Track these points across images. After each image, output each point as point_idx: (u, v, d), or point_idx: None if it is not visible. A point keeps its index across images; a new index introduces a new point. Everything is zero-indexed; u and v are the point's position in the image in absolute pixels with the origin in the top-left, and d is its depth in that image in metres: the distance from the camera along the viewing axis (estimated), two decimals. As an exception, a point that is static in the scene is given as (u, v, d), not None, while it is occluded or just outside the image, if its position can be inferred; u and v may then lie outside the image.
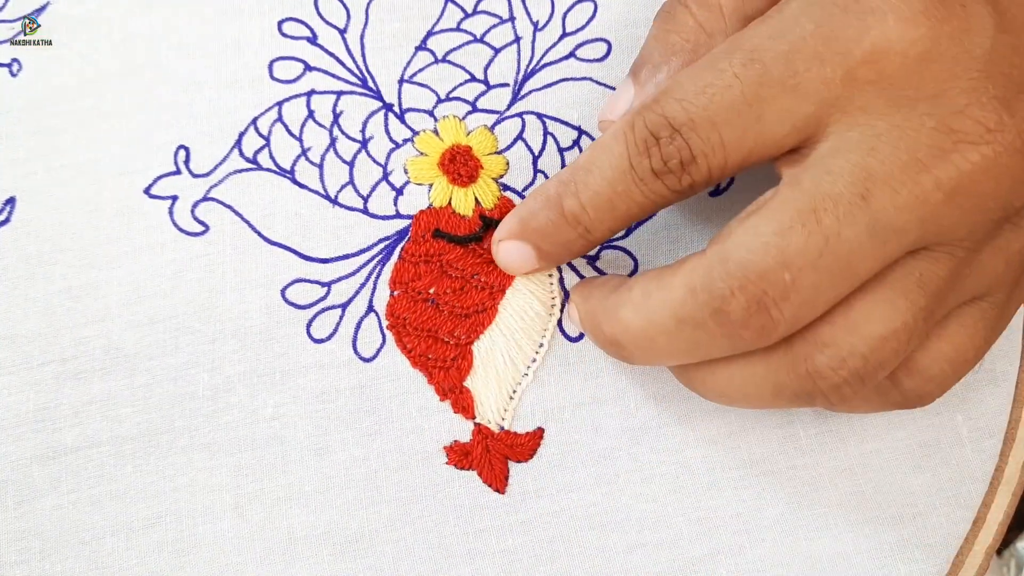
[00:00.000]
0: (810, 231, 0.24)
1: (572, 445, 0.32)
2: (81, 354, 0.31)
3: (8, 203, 0.32)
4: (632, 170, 0.27)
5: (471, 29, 0.33)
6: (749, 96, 0.25)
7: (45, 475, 0.31)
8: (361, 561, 0.31)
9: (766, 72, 0.25)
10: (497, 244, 0.31)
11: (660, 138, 0.26)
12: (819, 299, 0.25)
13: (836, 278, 0.25)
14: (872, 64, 0.25)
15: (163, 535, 0.31)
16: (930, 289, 0.26)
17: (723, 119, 0.26)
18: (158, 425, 0.31)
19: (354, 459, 0.31)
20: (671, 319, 0.26)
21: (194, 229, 0.32)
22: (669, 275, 0.27)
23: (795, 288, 0.25)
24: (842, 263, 0.25)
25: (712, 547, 0.31)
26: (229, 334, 0.32)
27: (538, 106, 0.33)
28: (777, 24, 0.26)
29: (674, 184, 0.27)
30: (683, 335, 0.26)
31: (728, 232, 0.26)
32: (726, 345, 0.26)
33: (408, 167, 0.33)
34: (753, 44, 0.26)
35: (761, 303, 0.25)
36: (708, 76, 0.26)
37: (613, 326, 0.28)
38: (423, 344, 0.32)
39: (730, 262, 0.25)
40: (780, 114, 0.25)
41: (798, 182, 0.25)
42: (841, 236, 0.24)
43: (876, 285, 0.26)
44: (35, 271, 0.32)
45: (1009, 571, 0.45)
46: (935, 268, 0.26)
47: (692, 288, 0.26)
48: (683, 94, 0.26)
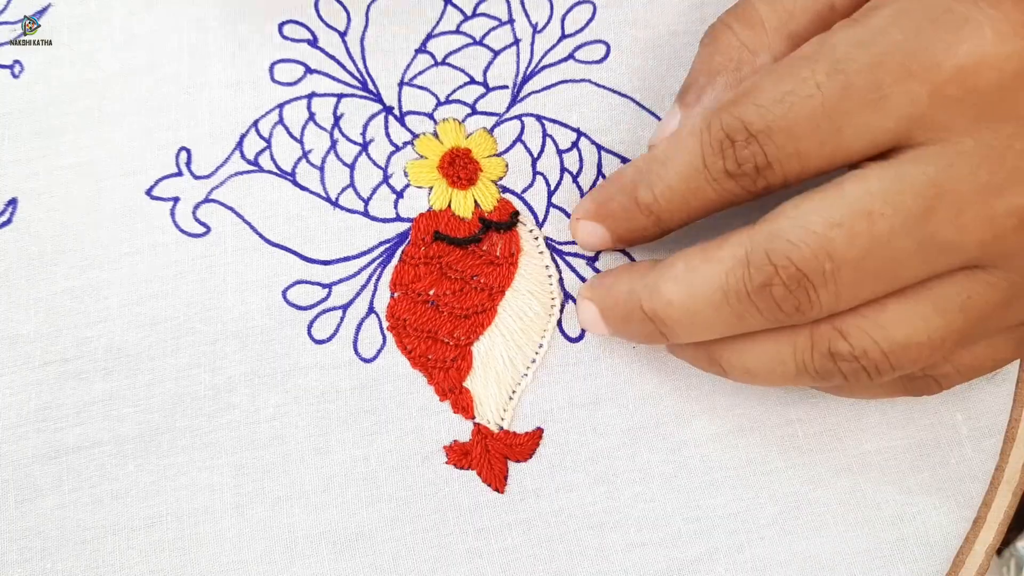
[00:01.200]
0: (859, 232, 0.24)
1: (571, 445, 0.32)
2: (83, 354, 0.31)
3: (10, 204, 0.32)
4: (706, 168, 0.27)
5: (470, 32, 0.34)
6: (830, 108, 0.25)
7: (47, 474, 0.31)
8: (361, 560, 0.31)
9: (850, 84, 0.25)
10: (575, 222, 0.31)
11: (735, 141, 0.26)
12: (855, 294, 0.25)
13: (875, 280, 0.25)
14: (962, 80, 0.24)
15: (164, 534, 0.31)
16: (973, 314, 0.26)
17: (801, 130, 0.25)
18: (159, 425, 0.31)
19: (354, 459, 0.31)
20: (718, 291, 0.26)
21: (195, 230, 0.32)
22: (715, 248, 0.27)
23: (833, 279, 0.25)
24: (884, 269, 0.25)
25: (710, 546, 0.32)
26: (230, 335, 0.32)
27: (537, 108, 0.33)
28: (864, 32, 0.25)
29: (748, 185, 0.27)
30: (727, 307, 0.26)
31: (782, 212, 0.26)
32: (763, 320, 0.26)
33: (408, 170, 0.33)
34: (838, 53, 0.25)
35: (801, 284, 0.25)
36: (789, 83, 0.25)
37: (655, 300, 0.28)
38: (423, 345, 0.32)
39: (777, 242, 0.25)
40: (861, 128, 0.25)
41: (866, 179, 0.25)
42: (889, 244, 0.24)
43: (918, 293, 0.26)
44: (37, 272, 0.32)
45: (1009, 571, 0.45)
46: (987, 293, 0.25)
47: (740, 261, 0.26)
48: (763, 99, 0.26)
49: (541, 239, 0.33)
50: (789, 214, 0.25)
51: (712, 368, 0.30)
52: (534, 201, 0.33)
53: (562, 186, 0.33)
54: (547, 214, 0.33)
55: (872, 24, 0.25)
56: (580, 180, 0.33)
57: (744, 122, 0.26)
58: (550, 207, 0.33)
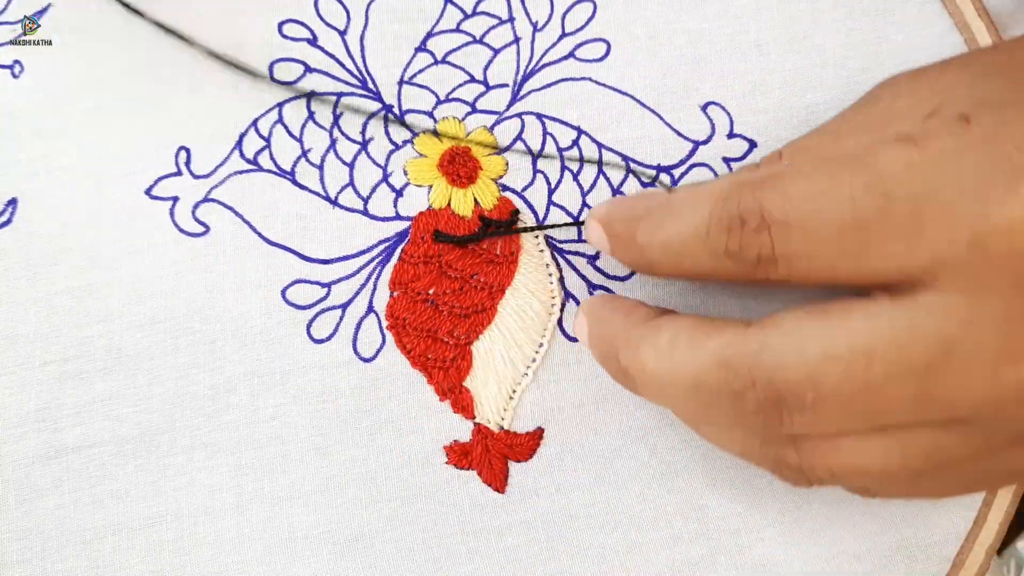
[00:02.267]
0: (853, 372, 0.23)
1: (571, 445, 0.32)
2: (83, 354, 0.31)
3: (10, 204, 0.32)
4: (707, 237, 0.26)
5: (470, 30, 0.33)
6: (860, 225, 0.23)
7: (47, 474, 0.31)
8: (361, 560, 0.31)
9: (889, 208, 0.23)
10: (589, 219, 0.30)
11: (747, 223, 0.24)
12: (832, 426, 0.24)
13: (857, 419, 0.24)
14: (1009, 235, 0.22)
15: (164, 534, 0.31)
16: (936, 462, 0.24)
17: (822, 236, 0.23)
18: (159, 425, 0.31)
19: (354, 459, 0.31)
20: (690, 380, 0.25)
21: (195, 230, 0.32)
22: (704, 336, 0.25)
23: (812, 409, 0.24)
24: (869, 411, 0.24)
25: (711, 547, 0.32)
26: (230, 334, 0.32)
27: (537, 106, 0.33)
28: (917, 157, 0.23)
29: (747, 270, 0.25)
30: (695, 396, 0.26)
31: (780, 322, 0.24)
32: (730, 419, 0.25)
33: (408, 168, 0.33)
34: (885, 169, 0.23)
35: (776, 405, 0.24)
36: (824, 183, 0.24)
37: (630, 361, 0.27)
38: (422, 344, 0.32)
39: (764, 356, 0.24)
40: (887, 256, 0.23)
41: (876, 315, 0.23)
42: (881, 391, 0.23)
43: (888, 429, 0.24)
44: (37, 272, 0.32)
45: (1009, 571, 0.45)
46: (958, 446, 0.24)
47: (721, 362, 0.25)
48: (792, 191, 0.24)
49: (541, 237, 0.32)
50: (787, 327, 0.24)
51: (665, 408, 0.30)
52: (534, 199, 0.33)
53: (562, 184, 0.33)
54: (547, 212, 0.33)
55: (928, 150, 0.23)
56: (580, 178, 0.33)
57: (764, 208, 0.24)
58: (550, 205, 0.33)
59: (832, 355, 0.23)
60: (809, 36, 0.33)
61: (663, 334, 0.26)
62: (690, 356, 0.25)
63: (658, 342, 0.26)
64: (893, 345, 0.23)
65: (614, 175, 0.33)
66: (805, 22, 0.33)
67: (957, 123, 0.23)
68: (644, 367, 0.27)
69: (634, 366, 0.27)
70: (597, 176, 0.33)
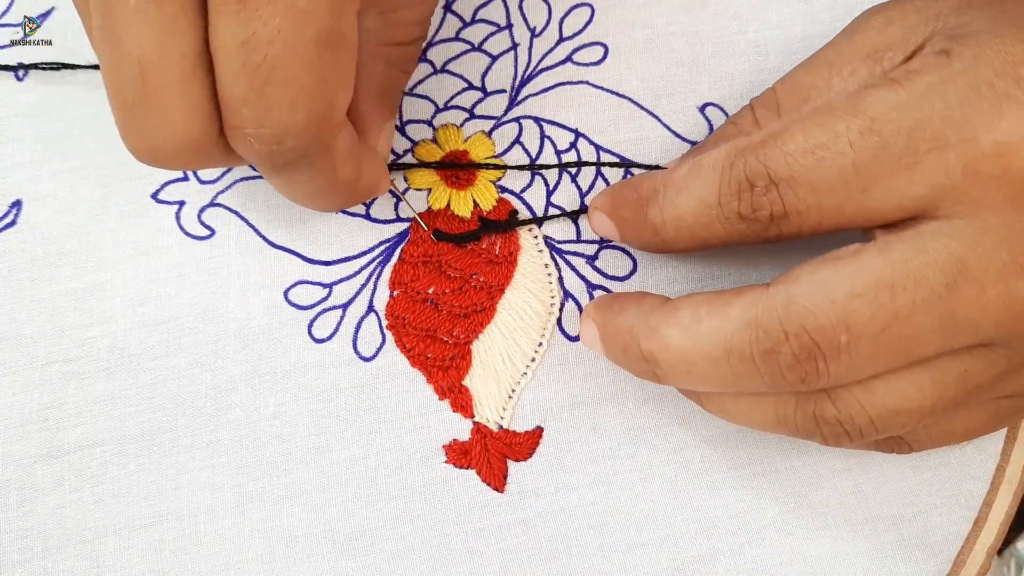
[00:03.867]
0: (880, 305, 0.24)
1: (571, 444, 0.32)
2: (86, 354, 0.32)
3: (14, 206, 0.33)
4: (719, 206, 0.27)
5: (469, 38, 0.34)
6: (860, 167, 0.24)
7: (48, 474, 0.31)
8: (361, 559, 0.31)
9: (884, 147, 0.24)
10: (592, 210, 0.31)
11: (755, 186, 0.26)
12: (867, 368, 0.25)
13: (890, 355, 0.24)
14: (998, 158, 0.23)
15: (165, 533, 0.31)
16: (967, 386, 0.25)
17: (827, 185, 0.25)
18: (161, 424, 0.31)
19: (354, 458, 0.31)
20: (719, 347, 0.26)
21: (200, 233, 0.33)
22: (724, 303, 0.26)
23: (847, 351, 0.24)
24: (901, 344, 0.24)
25: (711, 547, 0.31)
26: (232, 334, 0.32)
27: (535, 110, 0.33)
28: (904, 96, 0.24)
29: (760, 230, 0.26)
30: (726, 365, 0.26)
31: (797, 276, 0.25)
32: (763, 383, 0.26)
33: (408, 174, 0.33)
34: (876, 112, 0.24)
35: (811, 354, 0.24)
36: (821, 136, 0.25)
37: (653, 343, 0.27)
38: (422, 343, 0.32)
39: (793, 307, 0.24)
40: (889, 191, 0.24)
41: (888, 250, 0.24)
42: (910, 320, 0.24)
43: (918, 363, 0.25)
44: (41, 273, 0.32)
45: (1010, 571, 0.45)
46: (984, 369, 0.25)
47: (749, 322, 0.25)
48: (791, 148, 0.25)
49: (540, 237, 0.33)
50: (807, 278, 0.25)
51: (690, 397, 0.30)
52: (533, 201, 0.33)
53: (561, 186, 0.33)
54: (546, 213, 0.33)
55: (913, 88, 0.24)
56: (579, 180, 0.33)
57: (768, 168, 0.25)
58: (549, 206, 0.33)
59: (857, 292, 0.24)
60: (807, 37, 0.33)
61: (682, 312, 0.27)
62: (716, 325, 0.26)
63: (680, 320, 0.27)
64: (910, 274, 0.24)
65: (612, 176, 0.33)
66: (802, 23, 0.33)
67: (937, 58, 0.25)
68: (669, 347, 0.27)
69: (657, 349, 0.27)
70: (595, 177, 0.33)
